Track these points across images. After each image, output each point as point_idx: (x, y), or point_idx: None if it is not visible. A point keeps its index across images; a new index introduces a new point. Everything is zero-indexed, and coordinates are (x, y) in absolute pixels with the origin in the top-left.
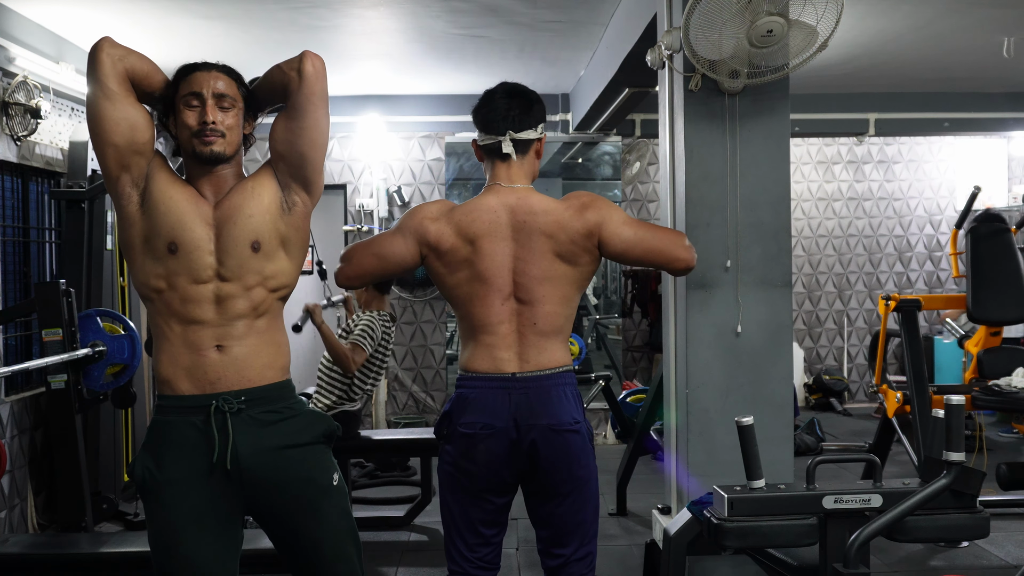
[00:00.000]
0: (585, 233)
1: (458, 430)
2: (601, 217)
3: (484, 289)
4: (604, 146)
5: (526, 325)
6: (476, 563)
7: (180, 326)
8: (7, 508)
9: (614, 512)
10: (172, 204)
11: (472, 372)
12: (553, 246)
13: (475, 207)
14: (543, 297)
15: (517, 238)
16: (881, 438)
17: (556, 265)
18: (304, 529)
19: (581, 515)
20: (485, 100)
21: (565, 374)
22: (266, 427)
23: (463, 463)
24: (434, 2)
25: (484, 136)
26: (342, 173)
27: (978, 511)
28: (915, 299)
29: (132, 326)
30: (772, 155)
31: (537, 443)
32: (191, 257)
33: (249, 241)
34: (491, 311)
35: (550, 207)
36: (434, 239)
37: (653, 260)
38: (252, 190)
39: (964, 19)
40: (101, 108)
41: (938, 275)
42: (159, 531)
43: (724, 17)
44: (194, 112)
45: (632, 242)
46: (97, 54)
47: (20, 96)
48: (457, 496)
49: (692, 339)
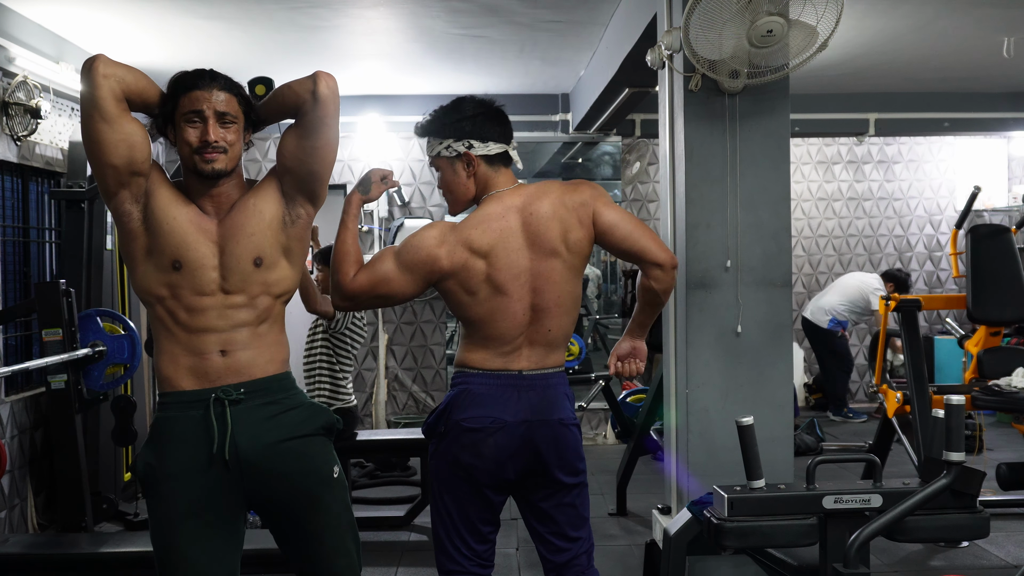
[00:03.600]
0: (580, 202)
1: (461, 424)
2: (594, 192)
3: (506, 303)
4: (604, 146)
5: (540, 333)
6: (475, 560)
7: (183, 332)
8: (7, 508)
9: (614, 512)
10: (175, 224)
11: (476, 368)
12: (560, 229)
13: (482, 218)
14: (558, 301)
15: (530, 239)
16: (881, 438)
17: (566, 255)
18: (305, 520)
19: (585, 507)
20: (476, 112)
21: (563, 374)
22: (267, 419)
23: (465, 458)
24: (434, 2)
25: (494, 146)
26: (342, 173)
27: (978, 511)
28: (915, 299)
29: (132, 326)
30: (772, 155)
31: (549, 437)
32: (195, 274)
33: (252, 258)
34: (513, 324)
35: (549, 188)
36: (448, 265)
37: (632, 247)
38: (254, 207)
39: (964, 19)
40: (99, 131)
41: (938, 275)
42: (160, 524)
43: (724, 17)
44: (195, 129)
45: (616, 222)
46: (92, 75)
47: (20, 96)
48: (455, 493)
49: (692, 339)
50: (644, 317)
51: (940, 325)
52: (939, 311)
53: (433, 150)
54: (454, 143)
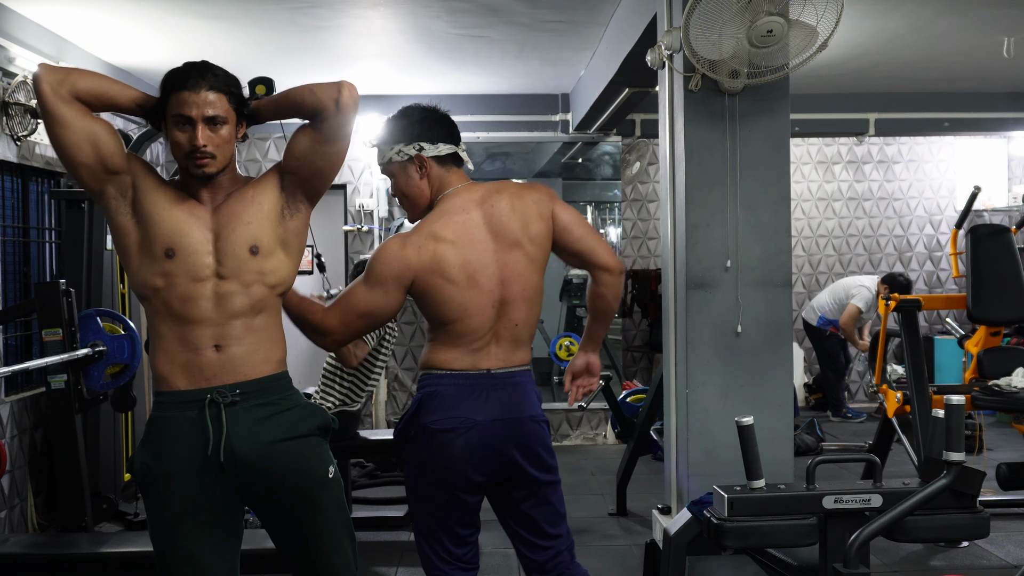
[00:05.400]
0: (538, 199)
1: (430, 428)
2: (550, 192)
3: (477, 295)
4: (604, 146)
5: (508, 328)
6: (456, 564)
7: (178, 325)
8: (7, 508)
9: (614, 512)
10: (166, 214)
11: (444, 369)
12: (521, 222)
13: (443, 213)
14: (524, 294)
15: (493, 231)
16: (881, 438)
17: (528, 247)
18: (301, 521)
19: (561, 503)
20: (423, 116)
21: (530, 372)
22: (262, 420)
23: (437, 461)
24: (434, 2)
25: (444, 147)
26: (342, 173)
27: (978, 511)
28: (915, 299)
29: (132, 326)
30: (772, 155)
31: (521, 435)
32: (189, 260)
33: (248, 246)
34: (483, 318)
35: (504, 184)
36: (417, 260)
37: (584, 248)
38: (253, 198)
39: (964, 19)
40: (57, 135)
41: (938, 275)
42: (159, 524)
43: (724, 17)
44: (185, 134)
45: (572, 222)
46: (38, 86)
47: (20, 96)
48: (430, 498)
49: (692, 339)
50: (596, 330)
51: (940, 325)
52: (939, 311)
53: (384, 157)
54: (404, 147)
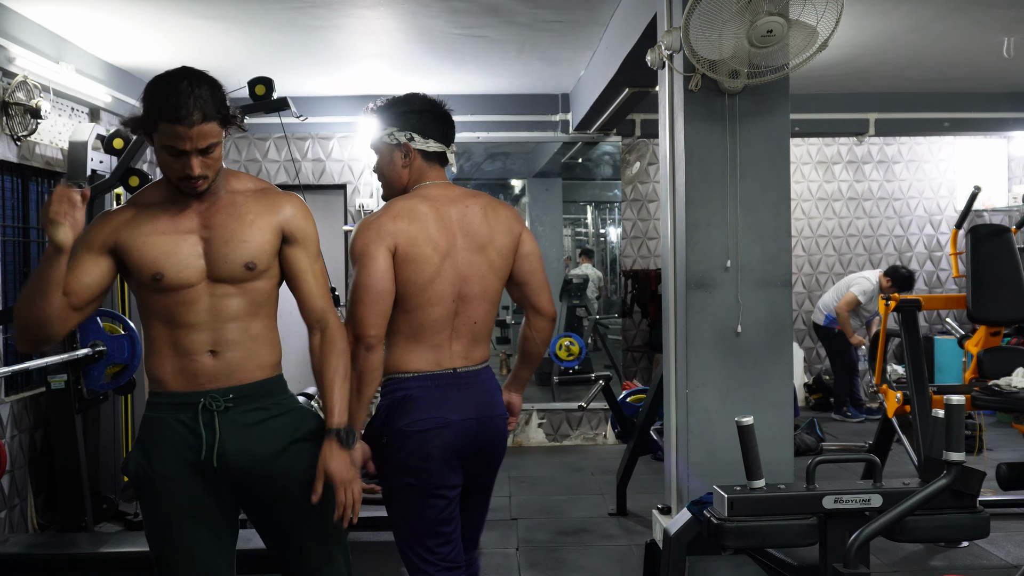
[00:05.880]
0: (510, 216)
1: (405, 431)
2: (521, 218)
3: (440, 284)
4: (604, 146)
5: (467, 325)
6: (441, 565)
7: (173, 330)
8: (7, 508)
9: (614, 512)
10: (149, 241)
11: (410, 372)
12: (488, 231)
13: (417, 198)
14: (484, 294)
15: (462, 229)
16: (881, 438)
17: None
18: (292, 527)
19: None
20: (424, 108)
21: (490, 368)
22: (254, 425)
23: (414, 462)
24: (434, 2)
25: (433, 144)
26: (342, 173)
27: (978, 511)
28: (915, 299)
29: (132, 326)
30: (772, 155)
31: (492, 432)
32: (182, 275)
33: (243, 263)
34: (443, 312)
35: (480, 193)
36: (392, 228)
37: (531, 282)
38: (252, 223)
39: (964, 19)
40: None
41: (938, 275)
42: (155, 524)
43: (724, 17)
44: (179, 162)
45: (532, 253)
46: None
47: (20, 96)
48: (409, 500)
49: (692, 339)
50: (524, 371)
51: (940, 325)
52: (939, 311)
53: (376, 134)
54: (397, 132)
